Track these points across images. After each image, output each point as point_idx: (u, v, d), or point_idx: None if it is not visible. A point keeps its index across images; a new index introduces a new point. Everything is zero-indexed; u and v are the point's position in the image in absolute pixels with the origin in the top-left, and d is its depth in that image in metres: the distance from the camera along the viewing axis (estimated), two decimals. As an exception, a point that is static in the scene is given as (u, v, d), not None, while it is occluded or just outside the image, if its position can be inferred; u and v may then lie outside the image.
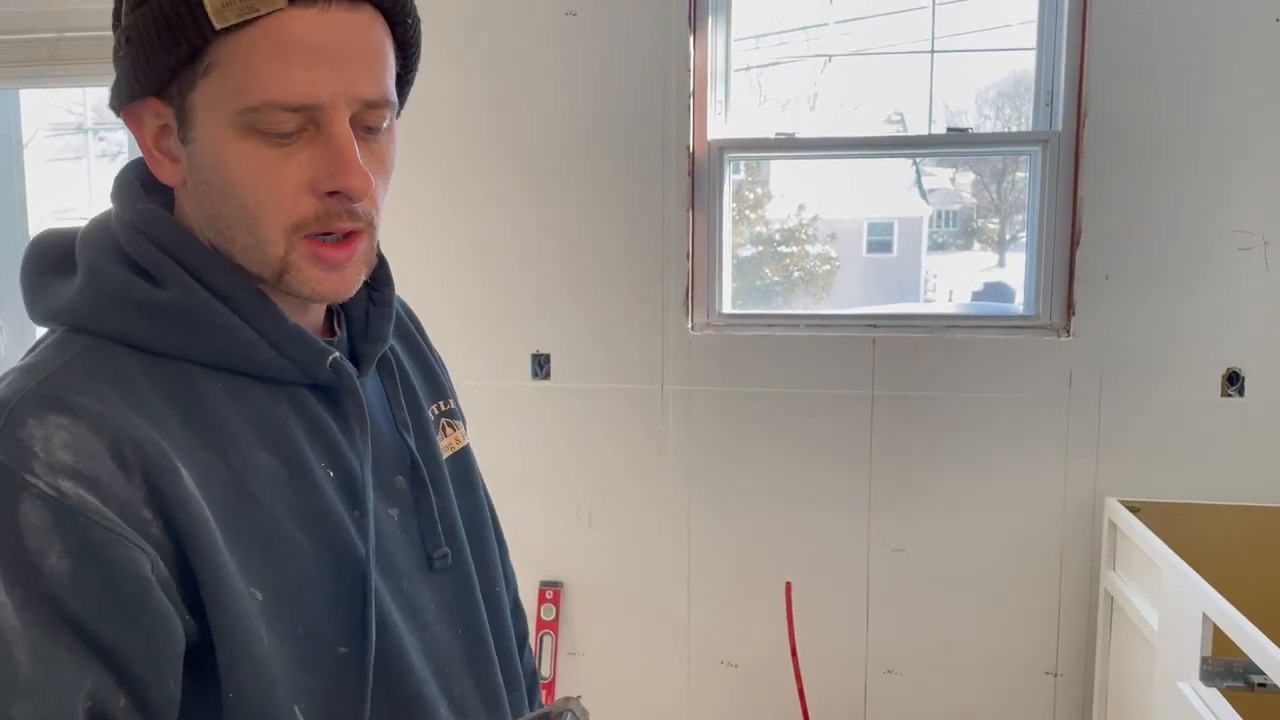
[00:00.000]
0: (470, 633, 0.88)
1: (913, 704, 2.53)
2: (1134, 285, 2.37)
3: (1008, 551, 2.48)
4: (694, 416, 2.58)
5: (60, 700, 0.64)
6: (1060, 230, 2.42)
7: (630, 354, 2.60)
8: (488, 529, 0.98)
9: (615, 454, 2.63)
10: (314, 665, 0.74)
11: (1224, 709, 1.72)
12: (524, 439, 2.65)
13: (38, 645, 0.63)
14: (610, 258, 2.58)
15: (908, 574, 2.52)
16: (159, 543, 0.68)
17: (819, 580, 2.54)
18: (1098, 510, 2.40)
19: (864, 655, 2.56)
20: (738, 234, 2.83)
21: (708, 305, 2.60)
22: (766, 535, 2.57)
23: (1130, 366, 2.38)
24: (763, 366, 2.55)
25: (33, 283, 0.79)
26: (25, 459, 0.64)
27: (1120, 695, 2.29)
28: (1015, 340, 2.45)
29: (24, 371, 0.71)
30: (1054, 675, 2.48)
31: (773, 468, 2.56)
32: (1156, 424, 2.38)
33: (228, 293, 0.76)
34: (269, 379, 0.78)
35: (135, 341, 0.73)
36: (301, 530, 0.75)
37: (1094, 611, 2.41)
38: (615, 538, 2.65)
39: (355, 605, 0.77)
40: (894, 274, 6.37)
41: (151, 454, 0.68)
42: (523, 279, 2.63)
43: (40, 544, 0.64)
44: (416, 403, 0.93)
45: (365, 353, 0.87)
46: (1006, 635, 2.49)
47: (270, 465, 0.75)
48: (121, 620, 0.66)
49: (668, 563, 2.62)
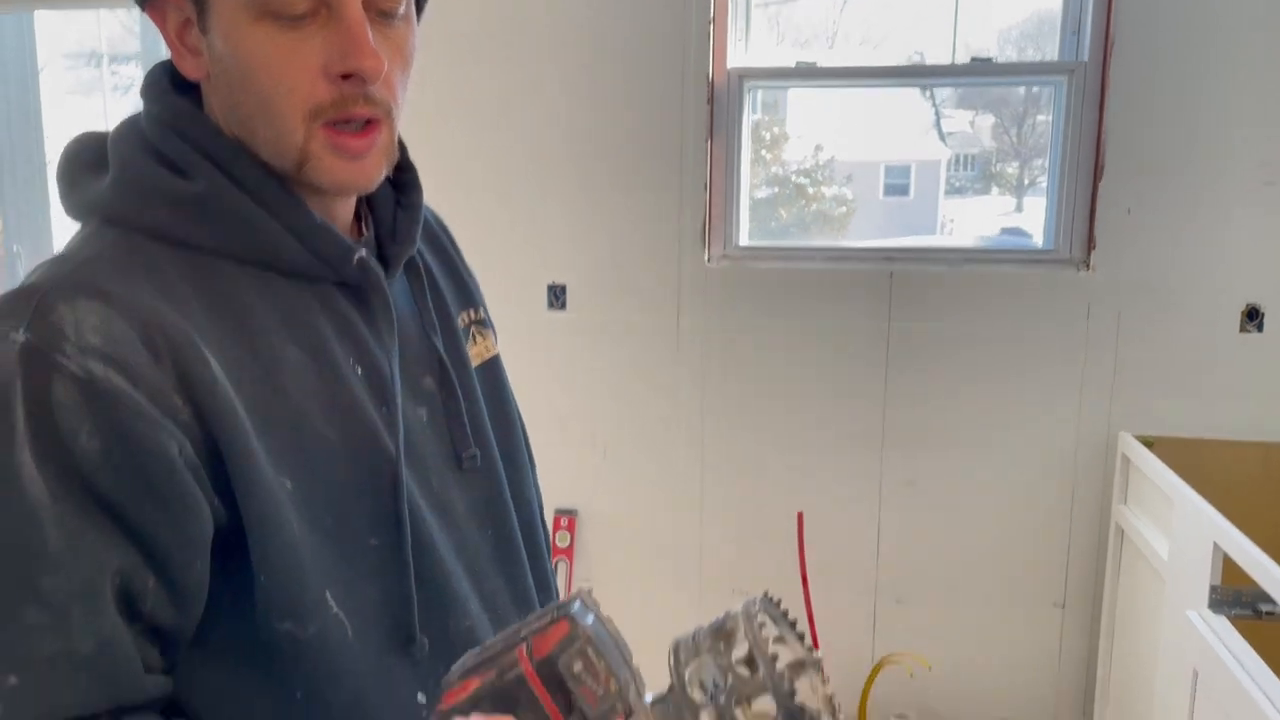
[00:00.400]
0: (500, 534, 0.89)
1: (920, 633, 2.57)
2: (1156, 219, 2.34)
3: (1019, 485, 2.49)
4: (709, 349, 2.59)
5: (89, 575, 0.65)
6: (1083, 163, 2.39)
7: (646, 286, 2.60)
8: (518, 436, 0.99)
9: (630, 385, 2.64)
10: (345, 555, 0.76)
11: (1231, 636, 1.74)
12: (539, 370, 2.66)
13: (68, 521, 0.65)
14: (627, 188, 2.57)
15: (918, 506, 2.54)
16: (188, 428, 0.69)
17: (830, 511, 2.57)
18: (1111, 445, 2.41)
19: (873, 585, 2.59)
20: (754, 174, 2.81)
21: (724, 237, 2.59)
22: (779, 466, 2.59)
23: (1149, 301, 2.37)
24: (778, 299, 2.55)
25: (68, 179, 0.79)
26: (56, 341, 0.65)
27: (1127, 626, 2.32)
28: (1034, 274, 2.44)
29: (56, 261, 0.72)
30: (1061, 607, 2.51)
31: (787, 400, 2.57)
32: (1173, 359, 2.38)
33: (255, 187, 0.76)
34: (296, 275, 0.78)
35: (164, 234, 0.74)
36: (329, 424, 0.76)
37: (1103, 545, 2.43)
38: (629, 467, 2.67)
39: (385, 499, 0.78)
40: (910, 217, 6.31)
41: (181, 342, 0.69)
42: (539, 209, 2.62)
43: (71, 424, 0.65)
44: (445, 308, 0.93)
45: (393, 254, 0.87)
46: (1015, 567, 2.52)
47: (298, 359, 0.76)
48: (150, 502, 0.67)
49: (681, 492, 2.65)
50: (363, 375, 0.80)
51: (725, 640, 0.54)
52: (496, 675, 0.64)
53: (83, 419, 0.65)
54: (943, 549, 2.55)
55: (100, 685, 0.67)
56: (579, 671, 0.63)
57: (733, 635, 0.54)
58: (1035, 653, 2.54)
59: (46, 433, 0.64)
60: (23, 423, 0.64)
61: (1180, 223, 2.34)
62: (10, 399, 0.64)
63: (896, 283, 2.48)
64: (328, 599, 0.74)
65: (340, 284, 0.81)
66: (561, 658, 0.63)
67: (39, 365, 0.65)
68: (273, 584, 0.71)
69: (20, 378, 0.64)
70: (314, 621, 0.73)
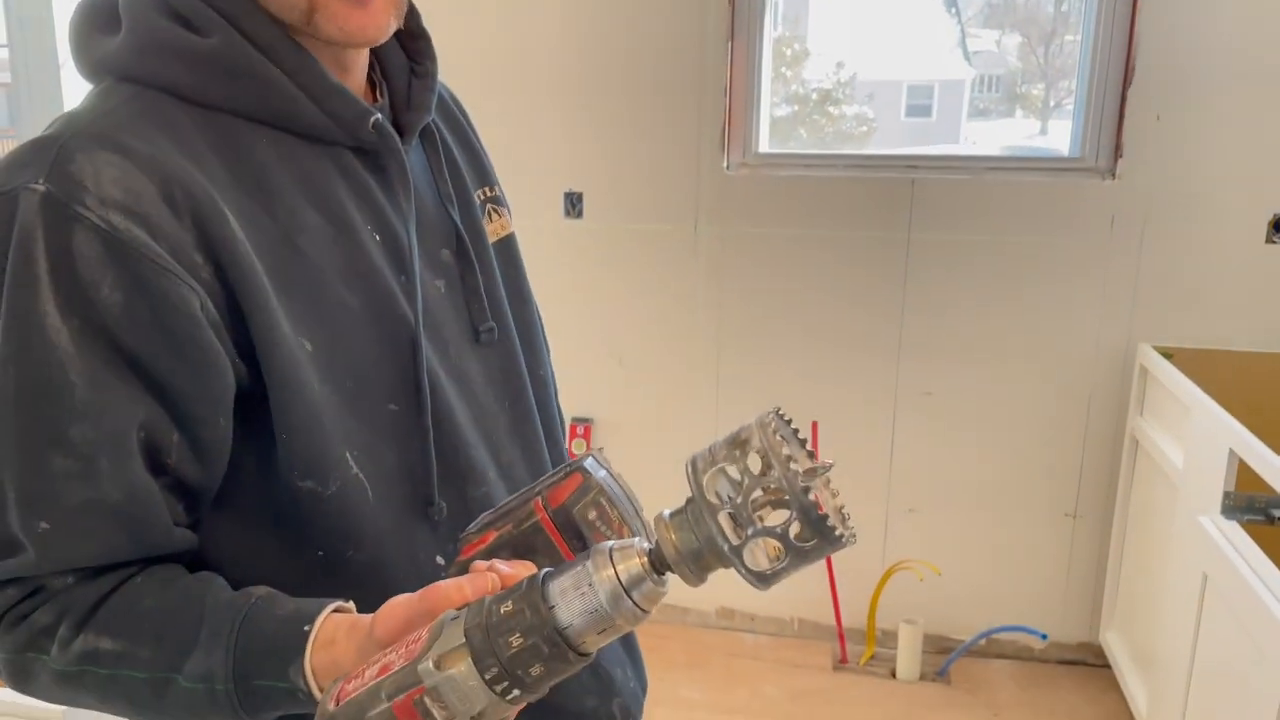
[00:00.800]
0: (517, 407, 0.89)
1: (931, 542, 2.60)
2: (1185, 126, 2.29)
3: (1036, 396, 2.49)
4: (726, 257, 2.57)
5: (115, 426, 0.66)
6: (1114, 68, 2.33)
7: (664, 193, 2.57)
8: (534, 315, 0.98)
9: (647, 294, 2.63)
10: (364, 419, 0.76)
11: (1243, 541, 1.75)
12: (556, 278, 2.65)
13: (93, 373, 0.65)
14: (645, 93, 2.53)
15: (934, 416, 2.55)
16: (209, 285, 0.68)
17: (845, 421, 2.58)
18: (1130, 356, 2.40)
19: (886, 494, 2.61)
20: (773, 92, 2.75)
21: (744, 144, 2.55)
22: (795, 376, 2.59)
23: (1175, 210, 2.33)
24: (798, 208, 2.52)
25: (80, 39, 0.78)
26: (76, 192, 0.64)
27: (1138, 534, 2.34)
28: (1059, 183, 2.40)
29: (73, 115, 0.71)
30: (1073, 517, 2.53)
31: (804, 310, 2.56)
32: (1197, 270, 2.35)
33: (268, 45, 0.74)
34: (312, 137, 0.77)
35: (180, 91, 0.73)
36: (348, 288, 0.76)
37: (1117, 456, 2.44)
38: (645, 376, 2.68)
39: (404, 365, 0.78)
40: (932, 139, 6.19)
41: (200, 198, 0.68)
42: (555, 114, 2.58)
43: (94, 275, 0.65)
44: (462, 182, 0.92)
45: (408, 122, 0.85)
46: (1029, 478, 2.53)
47: (316, 222, 0.76)
48: (173, 355, 0.67)
49: (696, 400, 2.66)
50: (380, 243, 0.79)
51: (741, 449, 0.55)
52: (514, 526, 0.67)
53: (105, 271, 0.65)
54: (956, 459, 2.56)
55: (129, 534, 0.68)
56: (593, 519, 0.66)
57: (747, 444, 0.55)
58: (1045, 561, 2.56)
59: (69, 284, 0.64)
60: (46, 273, 0.64)
61: (1210, 130, 2.28)
62: (32, 249, 0.64)
63: (917, 192, 2.45)
64: (348, 460, 0.74)
65: (356, 149, 0.80)
66: (576, 507, 0.65)
67: (60, 215, 0.64)
68: (294, 442, 0.72)
69: (42, 228, 0.64)
70: (335, 480, 0.74)
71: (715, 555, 0.55)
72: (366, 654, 0.62)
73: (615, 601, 0.55)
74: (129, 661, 0.67)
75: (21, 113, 2.99)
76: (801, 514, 0.53)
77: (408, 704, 0.54)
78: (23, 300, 0.64)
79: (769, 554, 0.55)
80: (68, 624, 0.67)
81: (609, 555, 0.56)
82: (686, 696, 2.48)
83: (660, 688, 2.49)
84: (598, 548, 0.57)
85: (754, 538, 0.54)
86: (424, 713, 0.54)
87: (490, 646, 0.54)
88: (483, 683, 0.54)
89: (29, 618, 0.68)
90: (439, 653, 0.55)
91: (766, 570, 0.55)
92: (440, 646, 0.55)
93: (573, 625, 0.55)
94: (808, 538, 0.53)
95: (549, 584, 0.56)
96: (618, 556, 0.56)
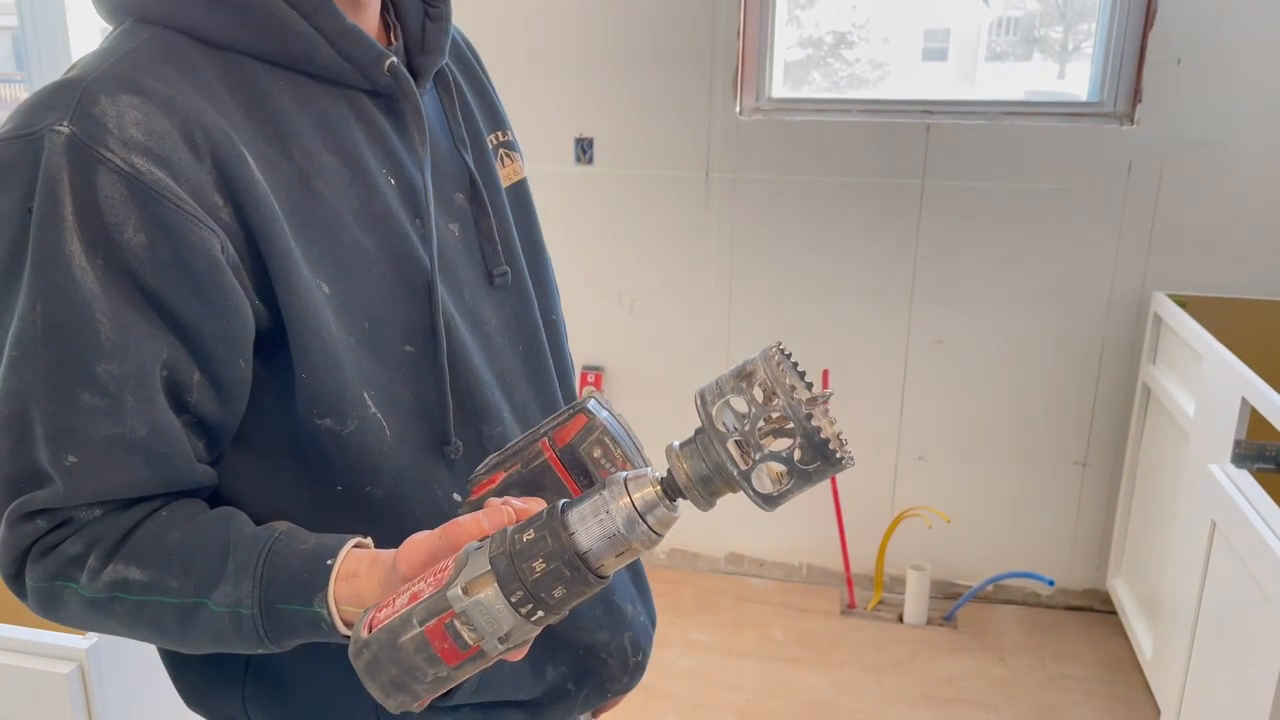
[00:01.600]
0: (531, 350, 0.91)
1: (939, 490, 2.61)
2: (1207, 70, 2.26)
3: (1049, 344, 2.48)
4: (738, 204, 2.55)
5: (140, 363, 0.67)
6: (1134, 10, 2.29)
7: (676, 139, 2.55)
8: (546, 260, 0.99)
9: (658, 241, 2.62)
10: (381, 359, 0.77)
11: (1253, 489, 1.76)
12: (566, 225, 2.64)
13: (119, 312, 0.66)
14: (658, 36, 2.49)
15: (945, 364, 2.55)
16: (229, 228, 0.69)
17: (856, 369, 2.58)
18: (1144, 304, 2.39)
19: (896, 441, 2.62)
20: (787, 36, 2.71)
21: (757, 88, 2.52)
22: (806, 323, 2.59)
23: (1193, 157, 2.30)
24: (811, 154, 2.49)
25: None
26: (99, 134, 0.65)
27: (1148, 482, 2.35)
28: (1076, 129, 2.37)
29: (95, 56, 0.71)
30: (1083, 465, 2.54)
31: (816, 257, 2.55)
32: (1214, 218, 2.33)
33: None
34: (328, 80, 0.77)
35: (198, 32, 0.73)
36: (364, 231, 0.77)
37: (1129, 404, 2.44)
38: (656, 324, 2.68)
39: (419, 307, 0.79)
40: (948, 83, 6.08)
41: (220, 140, 0.69)
42: (565, 59, 2.55)
43: (118, 217, 0.65)
44: (475, 126, 0.92)
45: (422, 65, 0.85)
46: (1039, 426, 2.53)
47: (332, 164, 0.76)
48: (195, 297, 0.68)
49: (708, 348, 2.66)
50: (395, 186, 0.80)
51: (746, 380, 0.58)
52: (522, 466, 0.70)
53: (128, 213, 0.65)
54: (967, 407, 2.56)
55: (154, 469, 0.69)
56: (598, 456, 0.70)
57: (753, 376, 0.58)
58: (1054, 509, 2.58)
59: (94, 225, 0.65)
60: (72, 214, 0.65)
61: (1232, 73, 2.25)
62: (58, 190, 0.65)
63: (933, 137, 2.42)
64: (365, 399, 0.75)
65: (371, 93, 0.80)
66: (582, 445, 0.70)
67: (84, 158, 0.65)
68: (313, 382, 0.73)
69: (67, 170, 0.65)
70: (352, 419, 0.75)
71: (724, 480, 0.59)
72: (390, 587, 0.64)
73: (631, 526, 0.58)
74: (157, 590, 0.69)
75: (29, 57, 2.97)
76: (805, 438, 0.56)
77: (439, 627, 0.58)
78: (50, 241, 0.65)
79: (773, 478, 0.59)
80: (97, 554, 0.69)
81: (624, 484, 0.59)
82: (697, 640, 2.52)
83: (671, 631, 2.53)
84: (613, 477, 0.60)
85: (761, 462, 0.58)
86: (454, 635, 0.58)
87: (515, 572, 0.57)
88: (509, 605, 0.57)
89: (58, 548, 0.69)
90: (466, 579, 0.58)
91: (773, 492, 0.59)
92: (467, 574, 0.58)
93: (592, 549, 0.58)
94: (810, 460, 0.57)
95: (568, 513, 0.59)
96: (632, 485, 0.59)
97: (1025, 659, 2.43)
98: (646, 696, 2.26)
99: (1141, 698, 2.26)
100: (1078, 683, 2.34)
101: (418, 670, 0.59)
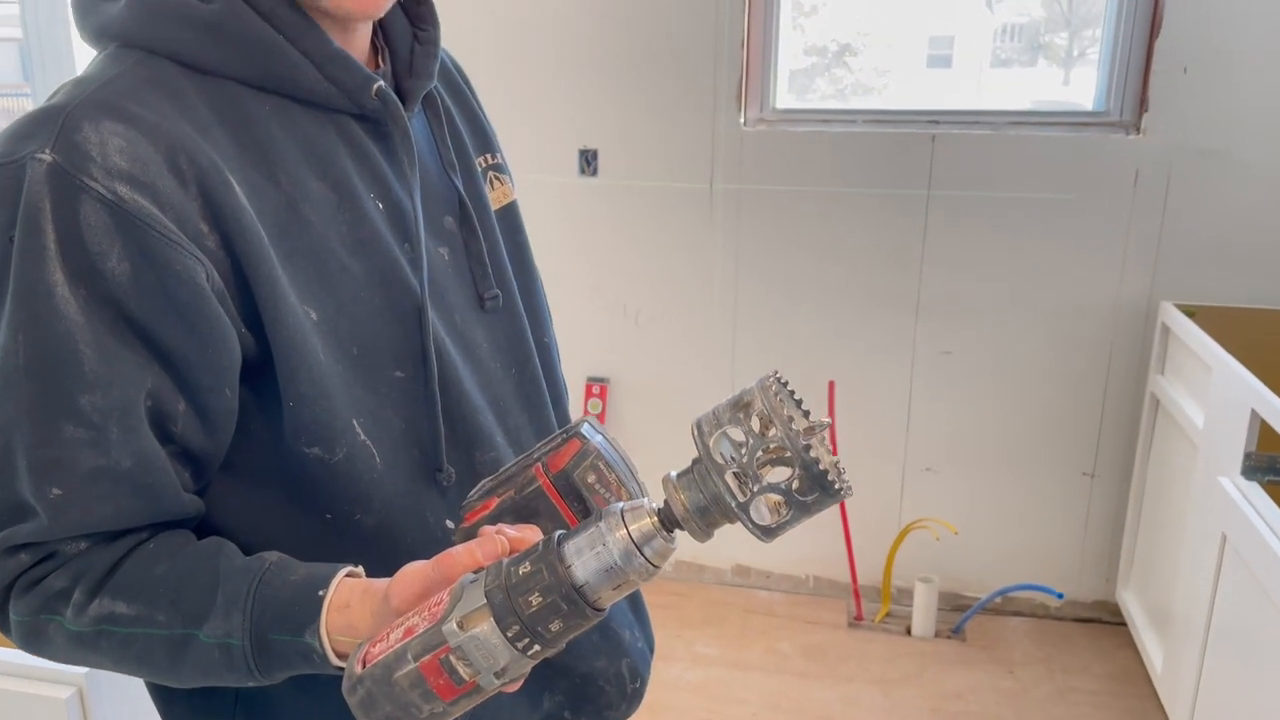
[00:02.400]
0: (523, 373, 0.90)
1: (946, 501, 2.59)
2: (1213, 79, 2.24)
3: (1056, 355, 2.46)
4: (743, 215, 2.54)
5: (125, 395, 0.67)
6: (1140, 18, 2.27)
7: (680, 151, 2.54)
8: (537, 283, 0.98)
9: (663, 253, 2.61)
10: (371, 386, 0.76)
11: (1263, 501, 1.74)
12: (571, 237, 2.64)
13: (102, 342, 0.66)
14: (661, 47, 2.49)
15: (952, 375, 2.53)
16: (215, 255, 0.68)
17: (863, 380, 2.56)
18: (1151, 314, 2.37)
19: (903, 453, 2.61)
20: (791, 44, 2.70)
21: (761, 99, 2.51)
22: (812, 335, 2.58)
23: (1201, 166, 2.29)
24: (816, 165, 2.49)
25: (83, 3, 0.77)
26: (82, 162, 0.64)
27: (1157, 494, 2.33)
28: (1082, 138, 2.36)
29: (78, 82, 0.71)
30: (1091, 476, 2.52)
31: (822, 268, 2.54)
32: (1221, 227, 2.31)
33: (270, 10, 0.74)
34: (315, 105, 0.76)
35: (184, 58, 0.72)
36: (352, 256, 0.76)
37: (1137, 415, 2.42)
38: (662, 335, 2.67)
39: (409, 332, 0.78)
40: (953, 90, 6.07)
41: (206, 167, 0.68)
42: (569, 70, 2.55)
43: (101, 246, 0.65)
44: (464, 149, 0.91)
45: (411, 89, 0.84)
46: (1047, 437, 2.52)
47: (320, 190, 0.75)
48: (179, 326, 0.67)
49: (713, 359, 2.65)
50: (383, 211, 0.79)
51: (744, 411, 0.58)
52: (515, 492, 0.70)
53: (112, 241, 0.65)
54: (974, 418, 2.55)
55: (140, 499, 0.69)
56: (592, 482, 0.69)
57: (750, 407, 0.58)
58: (1063, 520, 2.56)
59: (77, 254, 0.65)
60: (54, 244, 0.64)
61: (1239, 82, 2.23)
62: (40, 220, 0.64)
63: (938, 147, 2.41)
64: (355, 427, 0.75)
65: (359, 117, 0.79)
66: (576, 471, 0.69)
67: (67, 186, 0.64)
68: (301, 409, 0.72)
69: (50, 199, 0.64)
70: (341, 447, 0.74)
71: (722, 512, 0.58)
72: (382, 619, 0.63)
73: (628, 558, 0.58)
74: (146, 624, 0.68)
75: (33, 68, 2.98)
76: (803, 469, 0.56)
77: (434, 663, 0.57)
78: (32, 271, 0.65)
79: (770, 507, 0.59)
80: (83, 588, 0.68)
81: (620, 516, 0.59)
82: (703, 653, 2.50)
83: (677, 645, 2.52)
84: (609, 509, 0.59)
85: (759, 494, 0.57)
86: (449, 670, 0.57)
87: (511, 606, 0.57)
88: (505, 640, 0.57)
89: (42, 582, 0.69)
90: (461, 614, 0.57)
91: (771, 524, 0.58)
92: (462, 608, 0.57)
93: (589, 582, 0.58)
94: (808, 491, 0.57)
95: (564, 545, 0.59)
96: (629, 516, 0.59)
97: (1034, 671, 2.41)
98: (652, 712, 2.25)
99: (1152, 711, 2.24)
100: (1087, 695, 2.32)
101: (412, 706, 0.58)
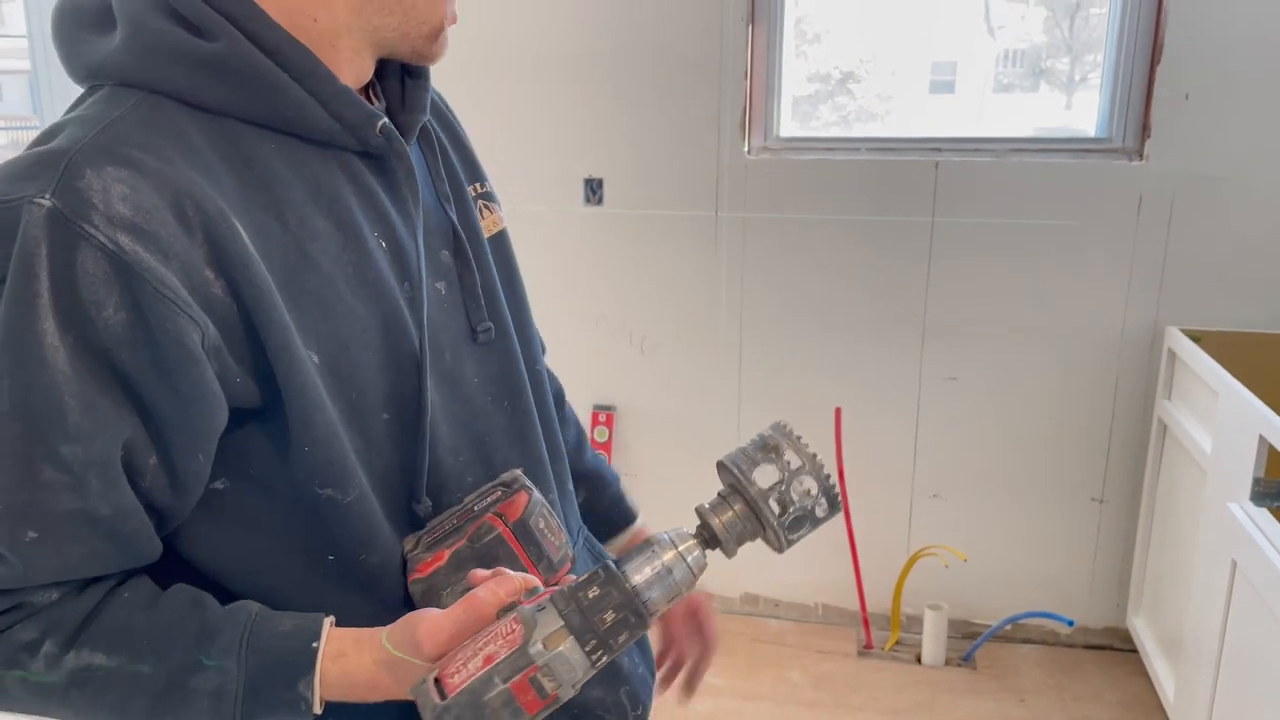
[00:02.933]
0: (516, 406, 0.89)
1: (955, 528, 2.58)
2: (1215, 106, 2.25)
3: (1062, 380, 2.46)
4: (748, 243, 2.55)
5: (105, 447, 0.66)
6: (1141, 46, 2.29)
7: (685, 179, 2.56)
8: (528, 311, 0.98)
9: (668, 281, 2.62)
10: (360, 429, 0.76)
11: (1273, 528, 1.73)
12: (577, 265, 2.65)
13: (87, 393, 0.65)
14: (666, 76, 2.51)
15: (959, 401, 2.53)
16: (221, 302, 0.68)
17: (869, 407, 2.56)
18: (1157, 339, 2.37)
19: (910, 480, 2.60)
20: (794, 71, 2.72)
21: (765, 128, 2.53)
22: (818, 362, 2.58)
23: (1204, 192, 2.30)
24: (820, 192, 2.50)
25: (69, 39, 0.75)
26: (83, 209, 0.63)
27: (1166, 520, 2.32)
28: (1085, 165, 2.37)
29: (78, 123, 0.69)
30: (1099, 501, 2.51)
31: (827, 295, 2.54)
32: (1226, 252, 2.31)
33: (274, 48, 0.73)
34: (320, 142, 0.76)
35: (185, 96, 0.71)
36: (356, 297, 0.75)
37: (1144, 440, 2.41)
38: (667, 363, 2.68)
39: (404, 376, 0.78)
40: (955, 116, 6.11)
41: (212, 213, 0.67)
42: (574, 100, 2.57)
43: (98, 295, 0.64)
44: (457, 178, 0.91)
45: (406, 123, 0.84)
46: (1054, 463, 2.51)
47: (326, 229, 0.75)
48: (163, 382, 0.66)
49: (719, 387, 2.65)
50: (386, 249, 0.79)
51: (775, 451, 0.72)
52: (469, 542, 0.78)
53: (109, 291, 0.64)
54: (981, 445, 2.54)
55: (117, 550, 0.68)
56: (543, 528, 0.81)
57: (778, 448, 0.72)
58: (1072, 547, 2.55)
59: (68, 301, 0.63)
60: (47, 290, 0.63)
61: (1241, 109, 2.24)
62: (35, 266, 0.63)
63: (942, 174, 2.42)
64: (359, 472, 0.75)
65: (361, 154, 0.79)
66: (530, 519, 0.80)
67: (66, 233, 0.63)
68: (317, 453, 0.72)
69: (46, 244, 0.63)
70: (354, 487, 0.74)
71: (754, 530, 0.72)
72: (393, 667, 0.66)
73: (682, 572, 0.70)
74: (126, 676, 0.67)
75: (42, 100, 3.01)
76: (826, 495, 0.72)
77: (523, 682, 0.65)
78: (22, 317, 0.63)
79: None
80: (55, 640, 0.67)
81: (670, 539, 0.71)
82: (711, 683, 2.48)
83: (684, 674, 2.50)
84: (657, 536, 0.71)
85: (795, 514, 0.71)
86: (537, 687, 0.65)
87: (588, 624, 0.67)
88: (584, 654, 0.66)
89: (7, 633, 0.67)
90: (543, 636, 0.66)
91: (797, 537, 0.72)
92: (540, 631, 0.66)
93: (651, 597, 0.69)
94: (829, 513, 0.73)
95: (624, 568, 0.69)
96: (676, 539, 0.71)
97: (1045, 699, 2.39)
98: (661, 742, 2.23)
99: (1165, 740, 2.22)
100: (1100, 725, 2.30)
101: None
